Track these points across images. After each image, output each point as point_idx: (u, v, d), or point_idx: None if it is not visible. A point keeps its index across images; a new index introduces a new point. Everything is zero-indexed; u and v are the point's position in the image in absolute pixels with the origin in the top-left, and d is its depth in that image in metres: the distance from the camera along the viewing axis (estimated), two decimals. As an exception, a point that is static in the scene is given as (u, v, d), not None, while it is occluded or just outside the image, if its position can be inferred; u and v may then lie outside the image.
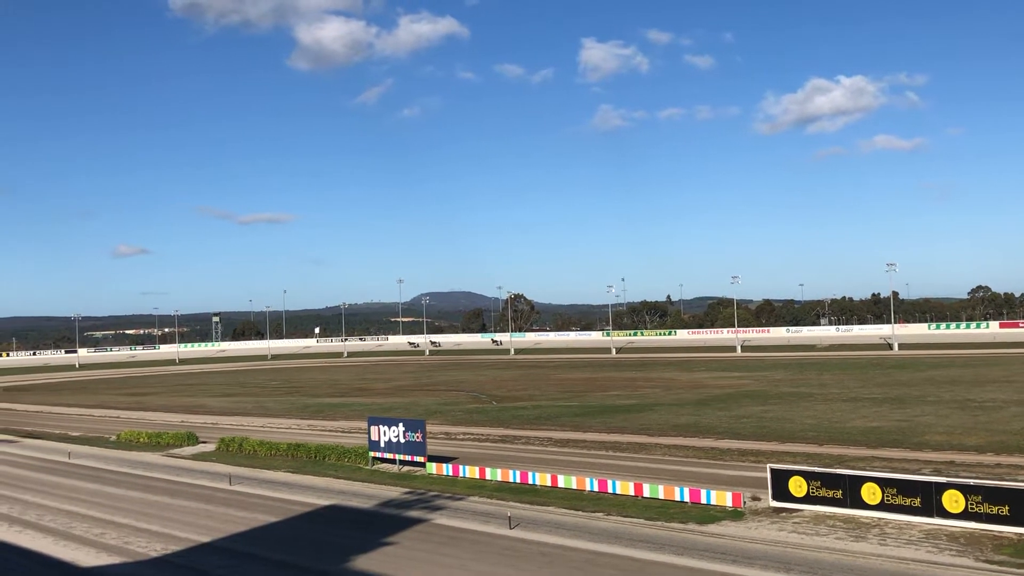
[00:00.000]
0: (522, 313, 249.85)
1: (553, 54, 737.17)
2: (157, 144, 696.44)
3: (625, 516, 37.71)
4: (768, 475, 38.40)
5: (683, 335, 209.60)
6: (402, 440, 51.29)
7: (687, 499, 39.30)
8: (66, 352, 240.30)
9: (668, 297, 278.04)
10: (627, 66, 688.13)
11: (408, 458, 51.23)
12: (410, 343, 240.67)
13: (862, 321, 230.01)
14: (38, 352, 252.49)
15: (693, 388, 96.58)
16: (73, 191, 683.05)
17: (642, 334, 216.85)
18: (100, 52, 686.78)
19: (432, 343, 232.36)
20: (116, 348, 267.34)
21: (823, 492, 36.44)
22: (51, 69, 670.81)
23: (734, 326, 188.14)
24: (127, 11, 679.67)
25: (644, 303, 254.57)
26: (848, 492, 35.69)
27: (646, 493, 40.82)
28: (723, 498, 38.44)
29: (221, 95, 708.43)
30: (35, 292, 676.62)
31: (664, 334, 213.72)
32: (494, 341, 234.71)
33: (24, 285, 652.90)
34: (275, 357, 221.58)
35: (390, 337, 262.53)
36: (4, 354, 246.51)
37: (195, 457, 61.83)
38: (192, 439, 68.32)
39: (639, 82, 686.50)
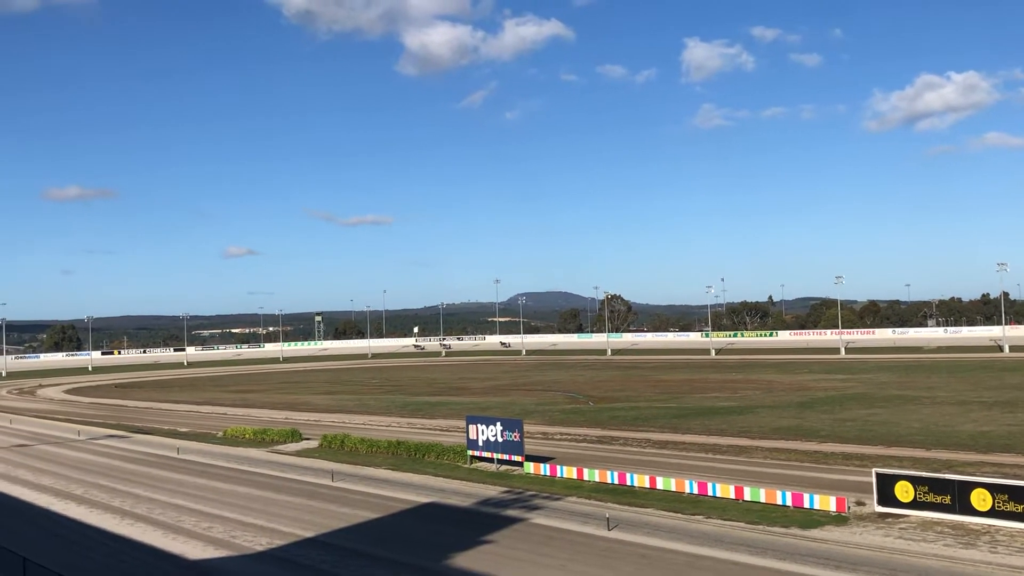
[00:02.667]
0: (619, 314, 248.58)
1: (656, 54, 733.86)
2: (268, 148, 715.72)
3: (725, 519, 37.24)
4: (873, 479, 37.51)
5: (784, 336, 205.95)
6: (500, 439, 51.55)
7: (789, 503, 38.61)
8: (175, 350, 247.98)
9: (770, 298, 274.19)
10: (731, 64, 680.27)
11: (506, 457, 51.47)
12: (502, 343, 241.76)
13: (971, 323, 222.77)
14: (148, 350, 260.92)
15: (795, 390, 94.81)
16: (187, 195, 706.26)
17: (742, 335, 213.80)
18: (213, 59, 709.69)
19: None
20: (223, 346, 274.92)
21: (930, 498, 35.42)
22: (164, 76, 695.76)
23: (838, 327, 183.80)
24: (241, 18, 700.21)
25: (744, 304, 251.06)
26: (957, 498, 34.59)
27: (747, 496, 40.24)
28: (827, 502, 37.68)
29: (330, 100, 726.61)
30: (146, 292, 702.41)
31: (765, 335, 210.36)
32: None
33: (136, 285, 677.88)
34: (375, 356, 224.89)
35: (487, 337, 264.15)
36: (116, 352, 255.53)
37: (299, 453, 63.15)
38: (296, 436, 69.79)
39: (743, 81, 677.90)
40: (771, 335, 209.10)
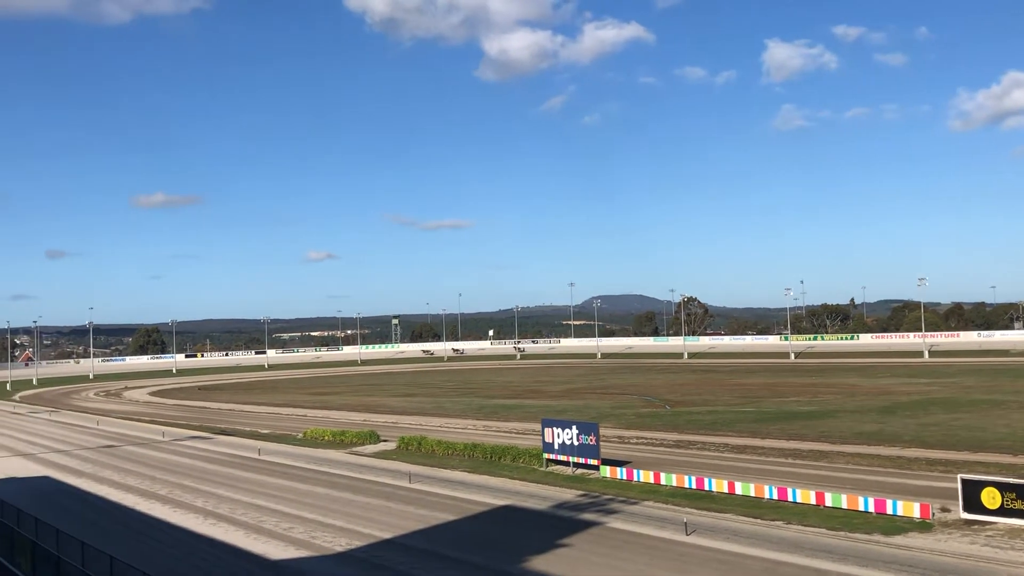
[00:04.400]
0: (695, 316, 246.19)
1: (737, 56, 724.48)
2: (349, 155, 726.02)
3: (806, 525, 36.68)
4: (959, 485, 36.58)
5: (866, 339, 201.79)
6: (576, 442, 51.45)
7: (872, 509, 37.89)
8: (256, 353, 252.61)
9: (851, 300, 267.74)
10: (813, 64, 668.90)
11: (582, 461, 51.34)
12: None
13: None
14: (230, 353, 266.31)
15: (877, 394, 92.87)
16: (269, 200, 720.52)
17: (822, 338, 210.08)
18: (296, 67, 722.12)
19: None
20: (302, 349, 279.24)
21: (1018, 504, 34.41)
22: (247, 84, 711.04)
23: (921, 330, 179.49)
24: (325, 26, 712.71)
25: (824, 306, 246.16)
26: (1048, 506, 33.62)
27: (828, 502, 39.54)
28: (910, 509, 36.87)
29: (410, 107, 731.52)
30: (229, 296, 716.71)
31: (846, 338, 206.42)
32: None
33: (219, 289, 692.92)
34: (451, 359, 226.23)
35: (561, 340, 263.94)
36: (199, 355, 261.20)
37: (377, 455, 63.82)
38: (374, 437, 70.54)
39: (825, 81, 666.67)
40: (852, 338, 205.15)
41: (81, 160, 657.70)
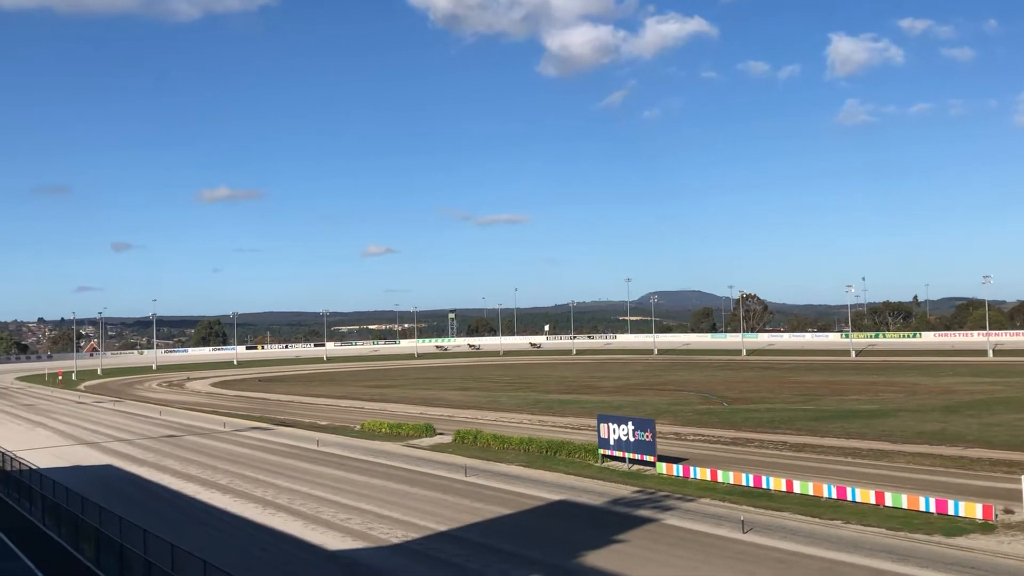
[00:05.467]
0: (754, 313, 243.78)
1: (801, 50, 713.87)
2: (408, 149, 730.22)
3: (865, 525, 36.21)
4: (1023, 487, 35.87)
5: (928, 338, 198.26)
6: (631, 439, 51.27)
7: (933, 509, 37.27)
8: (315, 346, 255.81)
9: (914, 298, 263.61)
10: (879, 59, 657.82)
11: (637, 457, 51.15)
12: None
13: None
14: (290, 345, 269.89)
15: (939, 394, 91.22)
16: (330, 195, 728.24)
17: (884, 336, 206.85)
18: (359, 63, 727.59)
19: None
20: (360, 342, 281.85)
21: (1089, 509, 33.67)
22: (311, 81, 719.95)
23: (985, 328, 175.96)
24: (387, 23, 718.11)
25: (886, 304, 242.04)
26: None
27: (888, 502, 38.97)
28: (972, 510, 36.20)
29: (471, 102, 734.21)
30: (289, 289, 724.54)
31: (908, 336, 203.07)
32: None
33: (279, 282, 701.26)
34: (506, 353, 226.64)
35: (617, 336, 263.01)
36: (260, 347, 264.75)
37: (433, 448, 64.21)
38: (430, 430, 71.00)
39: (890, 76, 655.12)
40: (914, 336, 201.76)
41: (148, 154, 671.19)
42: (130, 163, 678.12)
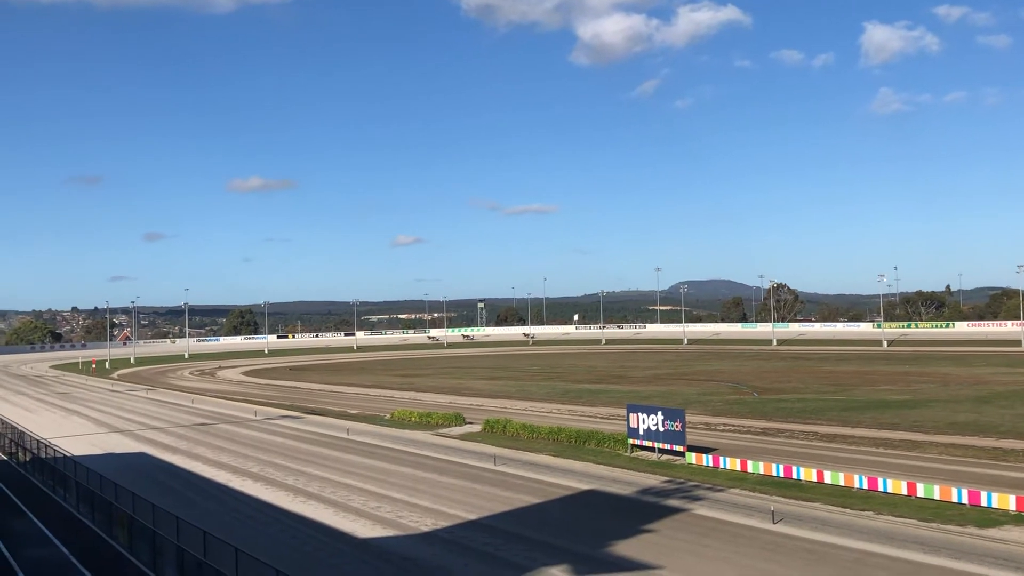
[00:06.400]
0: (785, 303, 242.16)
1: (834, 38, 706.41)
2: (438, 139, 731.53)
3: (897, 516, 35.93)
4: (1060, 480, 35.50)
5: (962, 328, 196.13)
6: (661, 428, 51.14)
7: (965, 500, 36.91)
8: (345, 335, 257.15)
9: (947, 287, 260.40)
10: (914, 47, 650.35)
11: (667, 447, 51.03)
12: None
13: None
14: (320, 334, 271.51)
15: (973, 384, 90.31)
16: (360, 185, 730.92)
17: (916, 326, 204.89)
18: (391, 53, 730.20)
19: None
20: (390, 331, 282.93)
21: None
22: (343, 71, 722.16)
23: (1019, 318, 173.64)
24: (421, 13, 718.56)
25: (919, 293, 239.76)
26: None
27: (920, 493, 38.66)
28: (1006, 501, 35.81)
29: (502, 92, 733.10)
30: (319, 278, 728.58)
31: (941, 326, 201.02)
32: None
33: (310, 272, 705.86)
34: (536, 343, 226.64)
35: (647, 325, 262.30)
36: (290, 336, 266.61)
37: (462, 437, 64.36)
38: (459, 419, 71.19)
39: (925, 64, 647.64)
40: (947, 326, 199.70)
41: (180, 145, 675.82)
42: (163, 153, 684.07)
